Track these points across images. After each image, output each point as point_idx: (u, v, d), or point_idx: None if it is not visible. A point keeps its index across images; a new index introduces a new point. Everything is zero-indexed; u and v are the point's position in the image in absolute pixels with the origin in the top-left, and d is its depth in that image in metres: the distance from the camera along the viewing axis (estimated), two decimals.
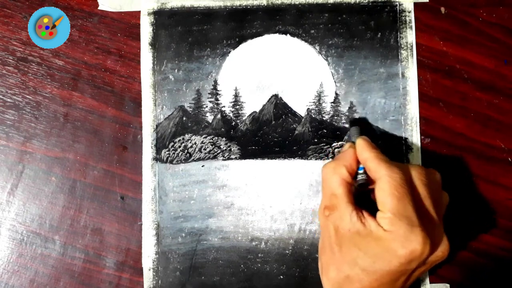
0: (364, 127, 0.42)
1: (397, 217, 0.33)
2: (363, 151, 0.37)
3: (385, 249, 0.33)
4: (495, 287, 0.43)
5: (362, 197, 0.37)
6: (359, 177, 0.37)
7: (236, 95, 0.44)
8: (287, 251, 0.43)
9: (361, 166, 0.37)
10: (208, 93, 0.44)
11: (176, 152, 0.43)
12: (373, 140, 0.38)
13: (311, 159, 0.43)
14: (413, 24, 0.44)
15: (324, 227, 0.37)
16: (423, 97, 0.44)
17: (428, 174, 0.37)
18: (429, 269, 0.37)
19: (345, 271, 0.35)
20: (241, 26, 0.44)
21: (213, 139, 0.44)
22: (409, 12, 0.44)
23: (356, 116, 0.43)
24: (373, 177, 0.36)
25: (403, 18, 0.44)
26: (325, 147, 0.43)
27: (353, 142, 0.39)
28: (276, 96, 0.44)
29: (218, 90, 0.44)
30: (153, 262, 0.43)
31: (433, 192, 0.36)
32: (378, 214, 0.34)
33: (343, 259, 0.35)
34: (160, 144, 0.44)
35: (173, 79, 0.44)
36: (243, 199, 0.43)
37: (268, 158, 0.43)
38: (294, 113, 0.44)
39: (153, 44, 0.44)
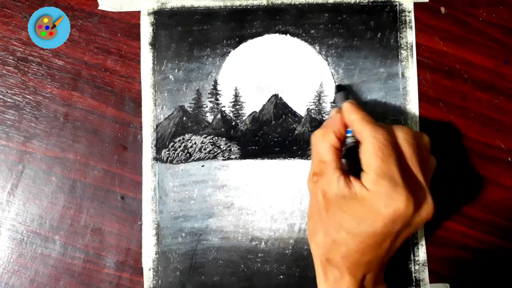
0: (350, 92, 0.43)
1: (380, 176, 0.33)
2: (350, 113, 0.37)
3: (369, 210, 0.34)
4: (495, 287, 0.43)
5: (353, 160, 0.37)
6: (348, 140, 0.37)
7: (236, 95, 0.44)
8: (287, 251, 0.43)
9: (349, 129, 0.37)
10: (208, 93, 0.44)
11: (176, 152, 0.44)
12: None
13: (311, 159, 0.43)
14: (413, 24, 0.44)
15: (312, 193, 0.37)
16: (423, 97, 0.44)
17: (415, 135, 0.37)
18: (415, 231, 0.38)
19: (332, 235, 0.35)
20: (241, 26, 0.44)
21: (213, 139, 0.44)
22: (409, 12, 0.44)
23: (342, 82, 0.43)
24: (359, 139, 0.36)
25: (403, 18, 0.44)
26: None
27: (340, 108, 0.39)
28: (276, 96, 0.44)
29: (218, 90, 0.44)
30: (153, 262, 0.43)
31: (419, 153, 0.36)
32: (362, 175, 0.35)
33: (329, 223, 0.35)
34: (160, 144, 0.44)
35: (173, 79, 0.44)
36: (243, 199, 0.43)
37: (268, 158, 0.43)
38: (294, 113, 0.44)
39: (153, 44, 0.44)
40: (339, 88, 0.43)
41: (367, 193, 0.34)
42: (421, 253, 0.43)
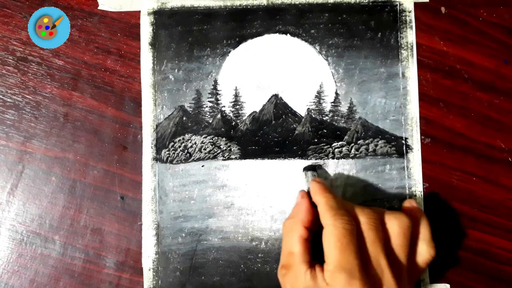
0: (319, 169, 0.43)
1: (337, 269, 0.33)
2: (315, 194, 0.37)
3: None
4: (495, 287, 0.43)
5: None
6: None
7: (236, 95, 0.44)
8: None
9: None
10: (208, 93, 0.44)
11: (176, 152, 0.43)
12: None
13: (311, 159, 0.43)
14: (413, 24, 0.44)
15: (282, 286, 0.37)
16: (423, 97, 0.44)
17: (383, 219, 0.36)
18: None
19: None
20: (241, 26, 0.44)
21: (213, 139, 0.44)
22: (409, 12, 0.44)
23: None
24: (322, 223, 0.36)
25: (403, 18, 0.44)
26: (325, 147, 0.43)
27: (307, 190, 0.39)
28: (276, 96, 0.44)
29: (218, 90, 0.44)
30: (153, 262, 0.43)
31: (388, 237, 0.35)
32: (324, 267, 0.34)
33: None
34: (160, 144, 0.44)
35: (173, 79, 0.44)
36: (243, 199, 0.43)
37: (268, 158, 0.43)
38: (294, 113, 0.44)
39: (153, 44, 0.44)
40: (308, 168, 0.42)
41: (326, 287, 0.33)
42: None
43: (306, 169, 0.42)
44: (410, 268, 0.36)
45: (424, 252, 0.37)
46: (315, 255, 0.36)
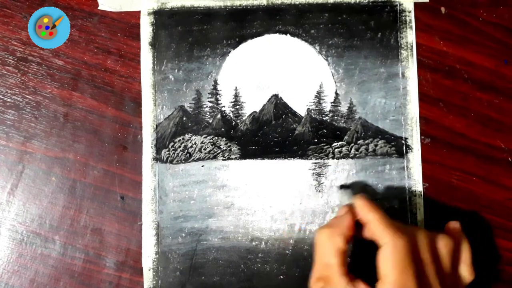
0: (355, 188, 0.43)
1: None
2: (365, 212, 0.36)
3: None
4: (495, 287, 0.43)
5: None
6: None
7: (236, 95, 0.44)
8: (287, 251, 0.43)
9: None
10: (208, 93, 0.44)
11: (176, 152, 0.43)
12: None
13: (311, 159, 0.43)
14: (413, 24, 0.44)
15: None
16: (423, 97, 0.44)
17: (435, 239, 0.36)
18: None
19: None
20: (241, 26, 0.44)
21: (213, 139, 0.44)
22: (409, 12, 0.44)
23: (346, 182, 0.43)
24: (375, 239, 0.35)
25: (403, 18, 0.44)
26: (325, 147, 0.43)
27: (349, 205, 0.38)
28: (276, 96, 0.44)
29: (218, 90, 0.44)
30: (153, 262, 0.43)
31: (438, 259, 0.35)
32: (379, 285, 0.33)
33: None
34: (160, 144, 0.44)
35: (173, 79, 0.44)
36: (243, 199, 0.43)
37: (268, 158, 0.43)
38: (294, 113, 0.44)
39: (153, 44, 0.44)
40: (344, 187, 0.42)
41: None
42: None
43: (344, 187, 0.42)
44: None
45: (464, 275, 0.37)
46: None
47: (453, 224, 0.40)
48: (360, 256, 0.35)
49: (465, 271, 0.37)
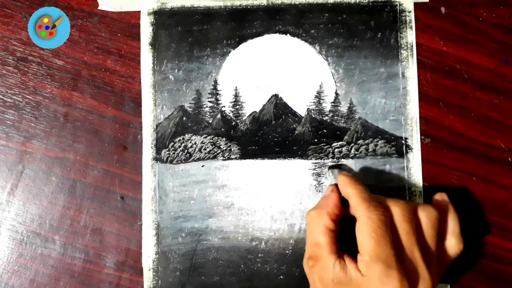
0: (344, 168, 0.43)
1: (374, 260, 0.33)
2: (346, 187, 0.37)
3: None
4: (495, 287, 0.43)
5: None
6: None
7: (236, 95, 0.44)
8: (287, 251, 0.43)
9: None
10: (208, 93, 0.44)
11: (176, 152, 0.43)
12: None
13: (311, 159, 0.43)
14: (413, 24, 0.44)
15: (309, 277, 0.37)
16: (423, 97, 0.44)
17: (415, 210, 0.36)
18: None
19: None
20: (241, 26, 0.44)
21: (213, 139, 0.44)
22: (409, 12, 0.44)
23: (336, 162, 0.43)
24: (354, 215, 0.36)
25: (403, 18, 0.44)
26: (325, 147, 0.43)
27: (336, 185, 0.39)
28: (276, 96, 0.44)
29: (218, 90, 0.44)
30: (153, 262, 0.43)
31: (420, 229, 0.35)
32: (358, 257, 0.34)
33: None
34: (160, 144, 0.44)
35: (173, 79, 0.44)
36: (243, 199, 0.43)
37: (268, 158, 0.43)
38: (294, 113, 0.44)
39: (153, 44, 0.44)
40: (334, 167, 0.43)
41: (362, 278, 0.33)
42: None
43: (332, 167, 0.42)
44: (439, 260, 0.36)
45: (453, 245, 0.37)
46: (341, 247, 0.36)
47: (439, 195, 0.40)
48: (352, 233, 0.35)
49: (454, 241, 0.37)
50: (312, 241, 0.36)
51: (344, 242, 0.36)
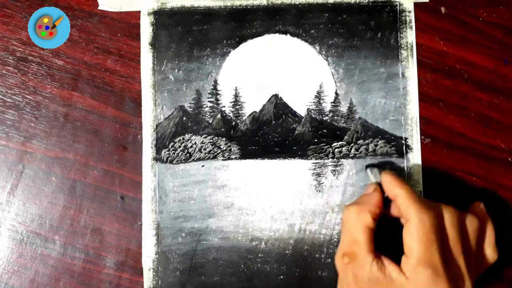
0: (383, 168, 0.42)
1: (422, 264, 0.32)
2: (393, 186, 0.36)
3: None
4: (495, 287, 0.43)
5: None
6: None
7: (236, 95, 0.44)
8: (287, 251, 0.43)
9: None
10: (208, 93, 0.44)
11: (176, 152, 0.43)
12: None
13: (311, 159, 0.43)
14: (413, 24, 0.44)
15: (342, 273, 0.36)
16: (423, 97, 0.44)
17: (462, 217, 0.36)
18: None
19: None
20: (241, 26, 0.44)
21: (213, 139, 0.44)
22: (409, 12, 0.44)
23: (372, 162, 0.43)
24: (401, 215, 0.35)
25: (403, 18, 0.44)
26: (325, 147, 0.43)
27: (378, 183, 0.38)
28: (276, 96, 0.44)
29: (218, 90, 0.44)
30: (153, 262, 0.43)
31: (465, 237, 0.35)
32: (403, 259, 0.34)
33: None
34: (160, 144, 0.44)
35: (173, 79, 0.44)
36: (243, 199, 0.43)
37: (268, 158, 0.43)
38: (294, 113, 0.44)
39: (153, 44, 0.44)
40: (372, 166, 0.42)
41: (405, 281, 0.33)
42: None
43: (371, 166, 0.42)
44: (476, 269, 0.36)
45: (489, 255, 0.37)
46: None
47: (477, 204, 0.40)
48: (386, 235, 0.35)
49: (490, 251, 0.37)
50: (349, 237, 0.35)
51: (378, 243, 0.35)
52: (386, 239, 0.35)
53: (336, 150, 0.43)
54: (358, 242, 0.35)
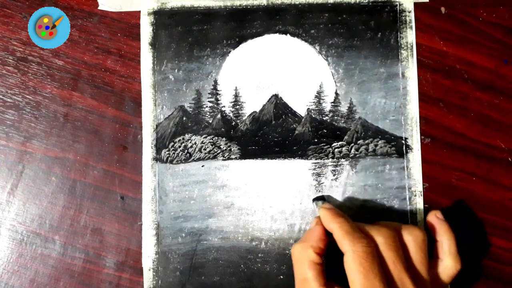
0: (327, 199, 0.43)
1: None
2: (328, 222, 0.37)
3: None
4: (495, 287, 0.43)
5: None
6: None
7: (236, 95, 0.44)
8: (287, 251, 0.43)
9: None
10: (208, 93, 0.44)
11: (176, 152, 0.43)
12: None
13: (311, 159, 0.43)
14: (413, 24, 0.44)
15: None
16: (423, 97, 0.44)
17: (399, 236, 0.36)
18: None
19: None
20: (241, 26, 0.44)
21: (213, 139, 0.44)
22: (409, 12, 0.44)
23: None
24: (340, 249, 0.35)
25: (403, 18, 0.44)
26: (325, 147, 0.43)
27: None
28: (276, 96, 0.44)
29: (218, 90, 0.44)
30: (153, 262, 0.43)
31: (408, 255, 0.35)
32: None
33: None
34: (160, 144, 0.44)
35: (173, 79, 0.44)
36: (243, 199, 0.43)
37: (268, 158, 0.43)
38: (294, 113, 0.44)
39: (153, 44, 0.44)
40: (317, 199, 0.42)
41: None
42: None
43: (316, 199, 0.42)
44: (433, 283, 0.36)
45: (450, 266, 0.37)
46: (329, 278, 0.35)
47: (432, 215, 0.39)
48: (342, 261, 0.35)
49: (450, 262, 0.37)
50: (299, 276, 0.36)
51: (337, 271, 0.35)
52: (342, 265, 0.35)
53: (336, 150, 0.43)
54: (307, 279, 0.35)
